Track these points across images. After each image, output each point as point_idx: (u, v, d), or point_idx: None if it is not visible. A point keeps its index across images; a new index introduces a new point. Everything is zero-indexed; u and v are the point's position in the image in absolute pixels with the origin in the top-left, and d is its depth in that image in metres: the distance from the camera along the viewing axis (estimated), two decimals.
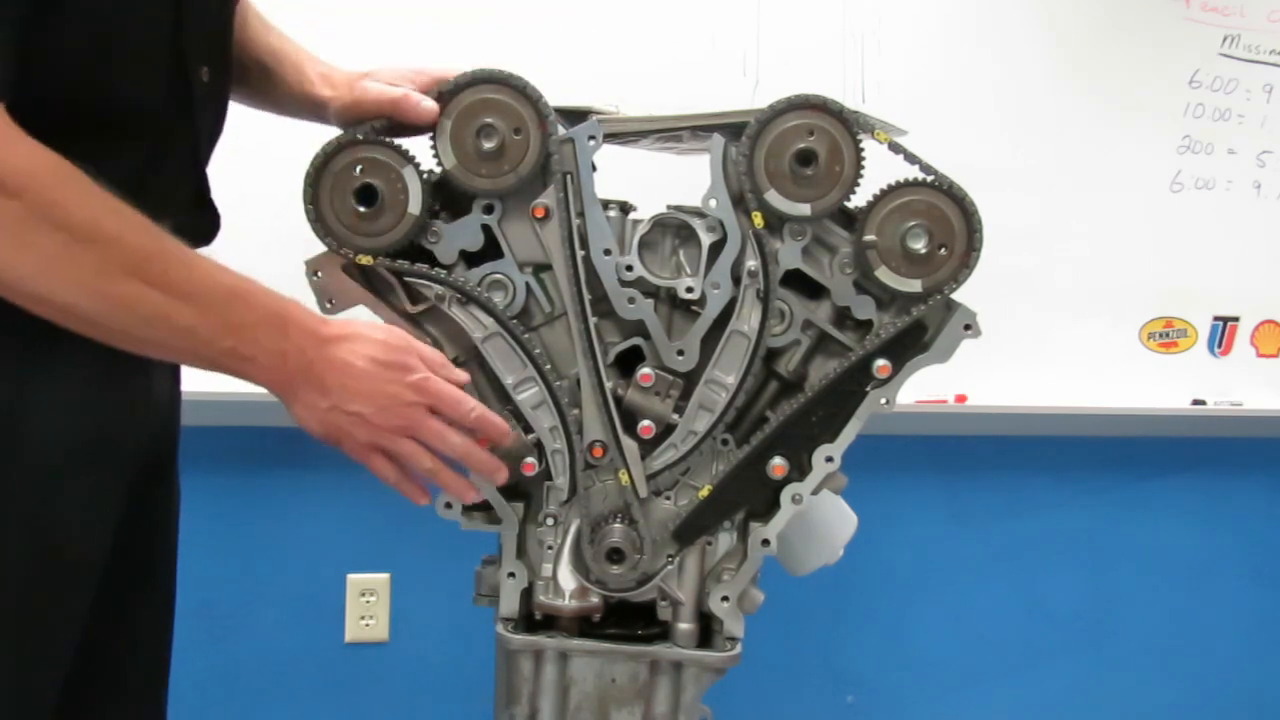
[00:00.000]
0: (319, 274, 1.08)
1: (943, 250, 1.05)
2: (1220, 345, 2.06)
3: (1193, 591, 2.16)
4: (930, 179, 1.05)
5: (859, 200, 1.06)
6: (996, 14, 1.92)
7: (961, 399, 1.96)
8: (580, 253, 1.06)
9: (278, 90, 1.19)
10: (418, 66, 1.12)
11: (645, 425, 1.08)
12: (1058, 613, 2.13)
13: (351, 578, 1.93)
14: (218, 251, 1.66)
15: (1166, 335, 2.04)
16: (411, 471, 1.03)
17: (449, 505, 1.09)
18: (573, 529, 1.11)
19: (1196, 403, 2.05)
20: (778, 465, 1.08)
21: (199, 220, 1.05)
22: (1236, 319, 2.05)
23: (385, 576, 1.94)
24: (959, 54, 1.91)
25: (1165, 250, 2.00)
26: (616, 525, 1.09)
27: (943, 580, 2.10)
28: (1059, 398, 1.99)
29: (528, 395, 1.08)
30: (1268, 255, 2.04)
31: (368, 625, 1.94)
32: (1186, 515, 2.14)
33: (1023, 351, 1.96)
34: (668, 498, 1.11)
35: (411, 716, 1.98)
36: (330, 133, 1.09)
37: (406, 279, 1.07)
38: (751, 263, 1.06)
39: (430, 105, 1.06)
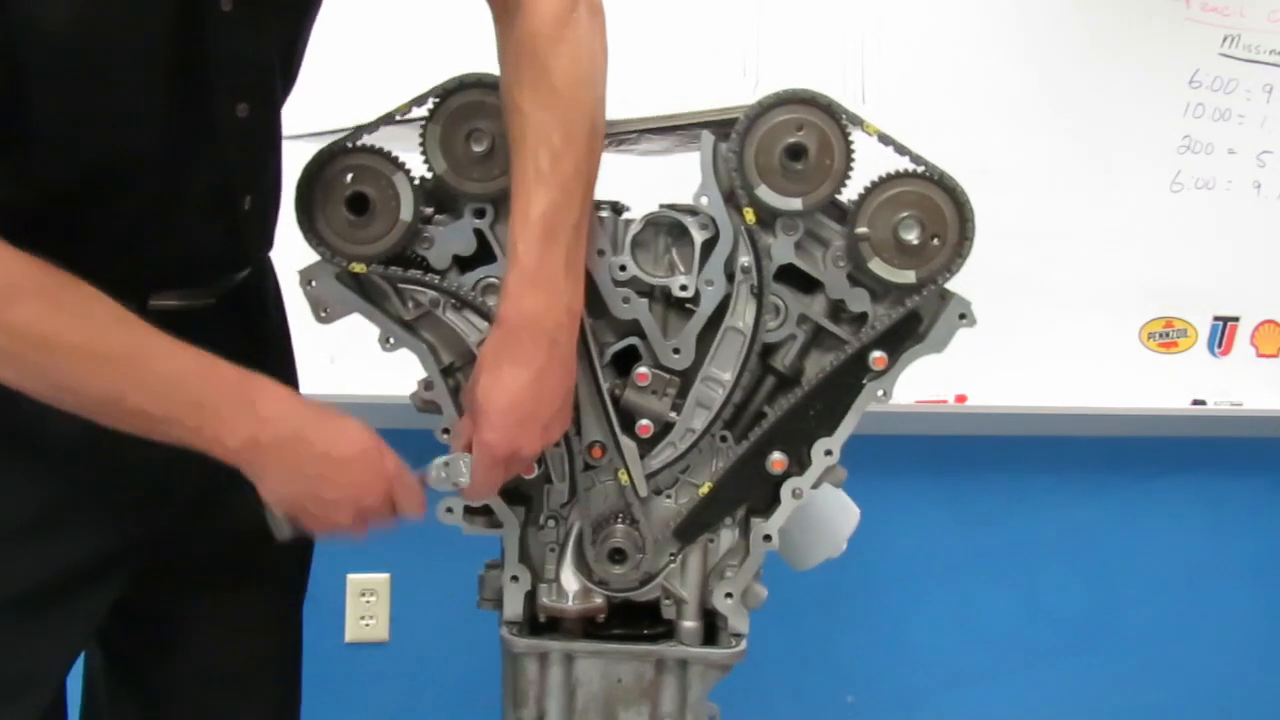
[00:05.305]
0: (313, 283, 1.07)
1: (935, 240, 1.05)
2: (1220, 345, 2.05)
3: (1192, 591, 2.15)
4: (921, 170, 1.05)
5: (850, 193, 1.06)
6: (996, 14, 1.92)
7: (961, 399, 1.96)
8: None
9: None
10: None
11: (643, 424, 1.08)
12: (1058, 612, 2.12)
13: (351, 578, 1.93)
14: None
15: (1166, 335, 2.03)
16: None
17: (450, 510, 1.09)
18: (574, 530, 1.10)
19: (1196, 403, 2.05)
20: (777, 460, 1.08)
21: (224, 251, 1.04)
22: (1236, 319, 2.05)
23: (385, 576, 1.94)
24: (959, 54, 1.91)
25: (1165, 250, 2.00)
26: (618, 525, 1.08)
27: (943, 580, 2.09)
28: (1059, 398, 1.99)
29: None
30: (1268, 255, 2.03)
31: (368, 625, 1.94)
32: (1186, 515, 2.14)
33: (1023, 351, 1.96)
34: (668, 496, 1.11)
35: (411, 716, 1.98)
36: (321, 141, 1.08)
37: (400, 286, 1.07)
38: (745, 259, 1.06)
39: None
